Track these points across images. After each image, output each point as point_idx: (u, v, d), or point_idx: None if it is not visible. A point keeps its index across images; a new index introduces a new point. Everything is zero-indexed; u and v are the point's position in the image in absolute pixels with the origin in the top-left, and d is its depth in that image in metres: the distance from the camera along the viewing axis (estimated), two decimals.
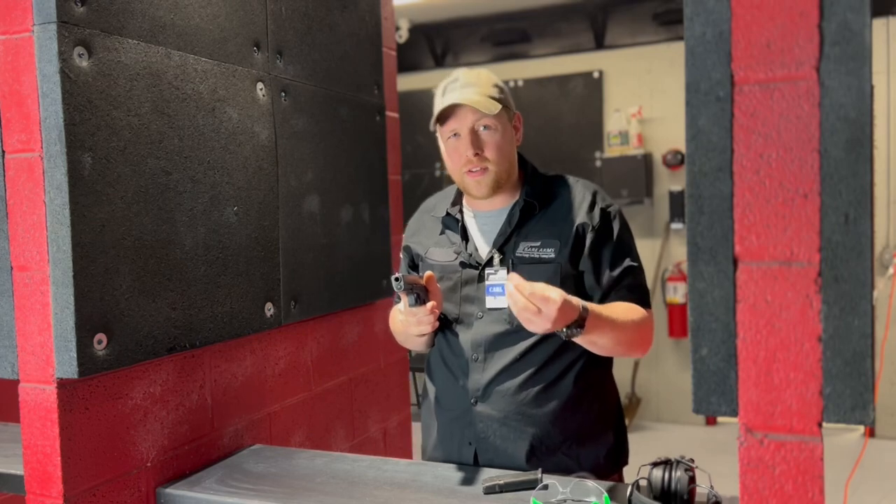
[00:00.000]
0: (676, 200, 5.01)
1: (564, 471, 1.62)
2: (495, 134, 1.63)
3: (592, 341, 1.53)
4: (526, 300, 1.37)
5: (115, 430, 1.53)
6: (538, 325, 1.40)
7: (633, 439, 1.80)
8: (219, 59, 1.76)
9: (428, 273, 1.59)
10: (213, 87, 1.74)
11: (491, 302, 1.66)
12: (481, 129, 1.63)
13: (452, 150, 1.66)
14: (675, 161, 5.03)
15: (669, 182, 5.12)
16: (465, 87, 1.63)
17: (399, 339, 1.86)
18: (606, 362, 1.74)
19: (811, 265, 0.83)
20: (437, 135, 1.72)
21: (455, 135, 1.65)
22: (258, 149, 1.88)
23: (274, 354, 2.01)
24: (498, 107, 1.61)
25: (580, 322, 1.45)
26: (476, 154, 1.62)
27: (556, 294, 1.38)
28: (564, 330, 1.45)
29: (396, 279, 1.48)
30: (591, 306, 1.49)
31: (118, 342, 1.49)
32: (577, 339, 1.51)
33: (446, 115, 1.64)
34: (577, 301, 1.45)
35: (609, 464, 1.70)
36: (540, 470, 1.52)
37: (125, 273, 1.51)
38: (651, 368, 5.23)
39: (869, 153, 0.81)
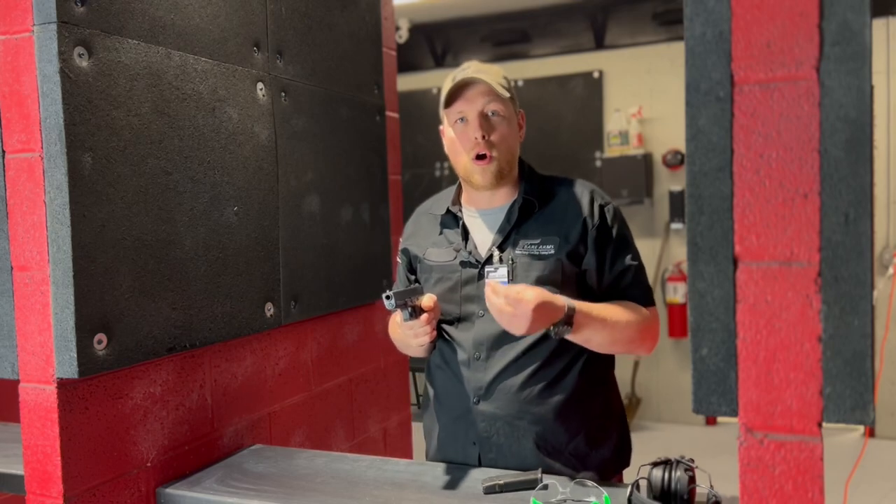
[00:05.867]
0: (676, 200, 5.01)
1: (571, 471, 1.62)
2: (503, 122, 1.64)
3: (586, 339, 1.55)
4: (501, 302, 1.41)
5: (115, 430, 1.53)
6: (517, 327, 1.44)
7: (633, 439, 1.80)
8: (219, 59, 1.76)
9: (431, 299, 1.57)
10: (213, 87, 1.74)
11: None
12: (490, 113, 1.63)
13: (460, 133, 1.65)
14: (675, 161, 5.03)
15: (669, 182, 5.12)
16: (478, 73, 1.63)
17: (399, 346, 1.85)
18: (609, 359, 1.73)
19: (811, 265, 0.84)
20: (442, 123, 1.71)
21: (462, 119, 1.64)
22: (258, 149, 1.88)
23: (274, 354, 2.01)
24: (506, 93, 1.63)
25: (567, 320, 1.47)
26: (483, 136, 1.62)
27: (530, 294, 1.41)
28: (552, 328, 1.48)
29: (388, 297, 1.47)
30: (581, 305, 1.50)
31: (118, 342, 1.49)
32: (570, 337, 1.52)
33: (455, 96, 1.64)
34: (561, 300, 1.47)
35: (614, 464, 1.70)
36: (540, 470, 1.52)
37: (125, 273, 1.51)
38: (651, 368, 5.22)
39: (869, 153, 0.81)
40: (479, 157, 1.63)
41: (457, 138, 1.66)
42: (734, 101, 0.86)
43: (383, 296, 1.48)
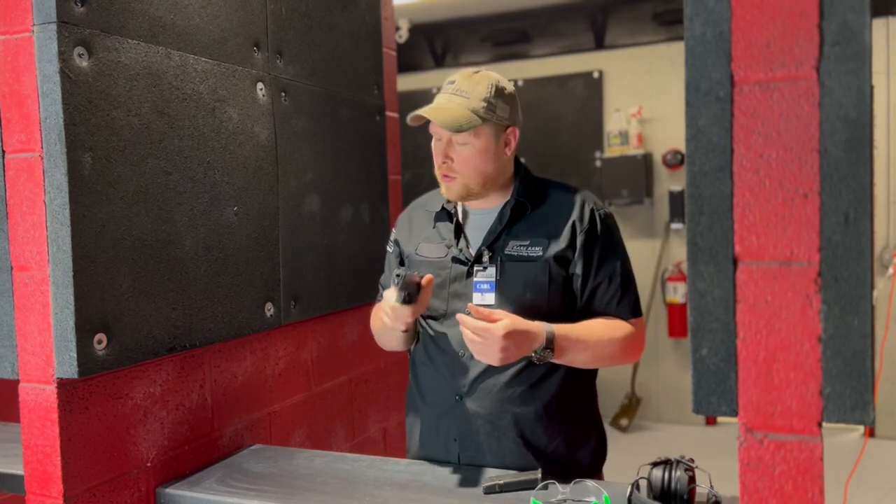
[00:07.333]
0: (676, 200, 5.01)
1: (550, 473, 1.62)
2: (466, 148, 1.63)
3: (570, 360, 1.57)
4: (471, 333, 1.45)
5: (115, 430, 1.53)
6: (489, 356, 1.47)
7: (633, 439, 1.81)
8: (219, 59, 1.76)
9: (428, 277, 1.58)
10: (213, 87, 1.74)
11: (478, 299, 1.66)
12: (453, 140, 1.64)
13: (433, 146, 1.69)
14: (675, 161, 5.03)
15: (669, 182, 5.11)
16: (453, 96, 1.62)
17: (377, 336, 1.85)
18: None
19: (811, 265, 0.84)
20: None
21: (434, 134, 1.68)
22: (258, 149, 1.88)
23: (274, 354, 2.01)
24: (468, 125, 1.59)
25: (548, 345, 1.50)
26: (444, 162, 1.65)
27: (498, 323, 1.44)
28: (533, 354, 1.51)
29: (398, 275, 1.49)
30: (561, 329, 1.52)
31: (118, 342, 1.49)
32: (554, 360, 1.55)
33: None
34: (536, 327, 1.49)
35: (592, 467, 1.71)
36: (540, 470, 1.52)
37: (125, 273, 1.51)
38: (651, 368, 5.22)
39: (869, 153, 0.81)
40: (444, 176, 1.67)
41: (433, 151, 1.69)
42: (734, 101, 0.86)
43: (394, 272, 1.53)
